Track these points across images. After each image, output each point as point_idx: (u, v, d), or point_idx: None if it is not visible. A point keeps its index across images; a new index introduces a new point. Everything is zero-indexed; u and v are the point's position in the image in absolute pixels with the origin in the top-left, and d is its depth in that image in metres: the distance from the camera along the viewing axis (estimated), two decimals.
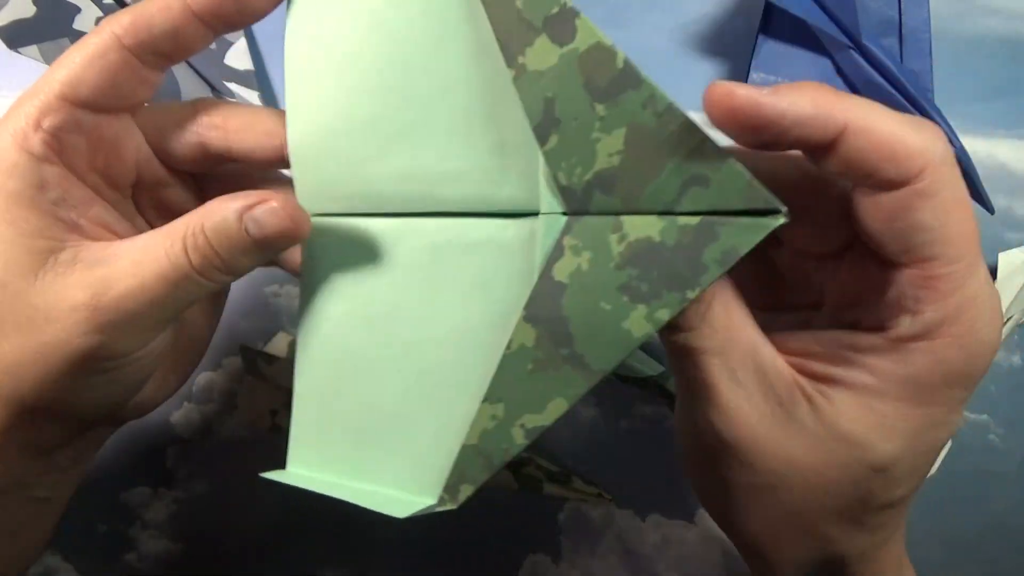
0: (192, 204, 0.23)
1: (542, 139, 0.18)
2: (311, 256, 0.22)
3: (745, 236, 0.16)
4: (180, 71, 0.33)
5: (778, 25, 0.33)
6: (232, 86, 0.33)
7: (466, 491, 0.20)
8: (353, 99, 0.21)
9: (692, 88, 0.36)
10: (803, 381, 0.19)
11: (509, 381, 0.19)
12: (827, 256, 0.20)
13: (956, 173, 0.16)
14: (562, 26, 0.17)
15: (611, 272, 0.18)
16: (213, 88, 0.33)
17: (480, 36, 0.19)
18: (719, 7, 0.35)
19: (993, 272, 0.33)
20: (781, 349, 0.19)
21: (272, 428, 0.33)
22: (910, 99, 0.32)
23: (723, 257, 0.16)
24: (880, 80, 0.32)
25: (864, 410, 0.18)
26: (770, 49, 0.33)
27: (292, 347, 0.33)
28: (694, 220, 0.17)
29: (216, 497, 0.35)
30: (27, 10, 0.32)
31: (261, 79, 0.34)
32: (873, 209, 0.17)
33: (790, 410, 0.18)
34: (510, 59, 0.18)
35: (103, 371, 0.21)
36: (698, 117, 0.17)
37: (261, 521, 0.35)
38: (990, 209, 0.33)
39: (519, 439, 0.19)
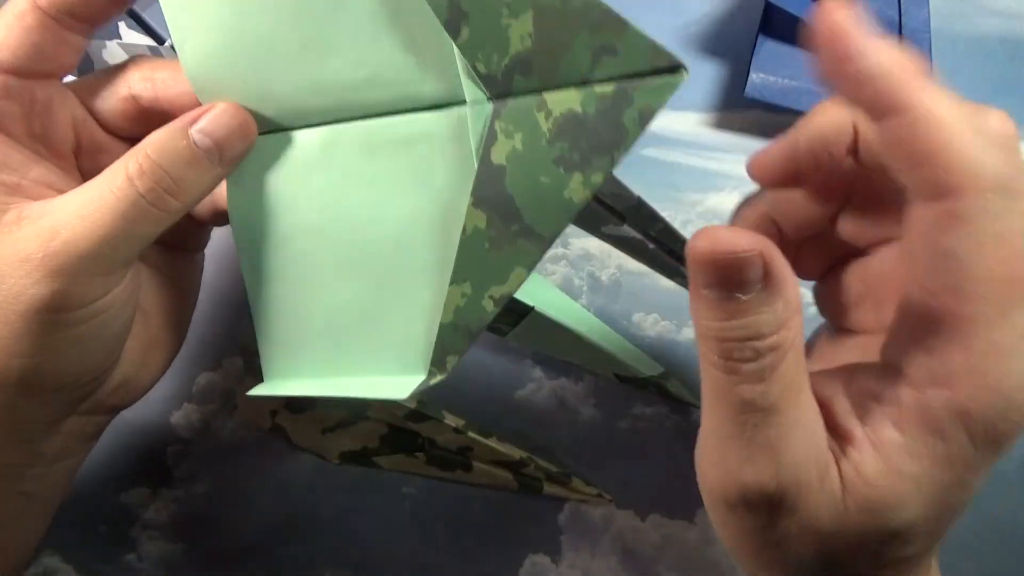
0: None
1: (454, 33, 0.19)
2: (236, 179, 0.23)
3: (656, 95, 0.18)
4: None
5: (778, 25, 0.33)
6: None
7: (452, 361, 0.21)
8: (242, 18, 0.21)
9: (692, 88, 0.36)
10: (834, 446, 0.17)
11: (471, 261, 0.20)
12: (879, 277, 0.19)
13: (1011, 204, 0.15)
14: None
15: (544, 148, 0.19)
16: None
17: None
18: (719, 7, 0.35)
19: None
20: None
21: (272, 428, 0.33)
22: None
23: (640, 117, 0.18)
24: None
25: (890, 473, 0.16)
26: (770, 49, 0.33)
27: None
28: (609, 87, 0.18)
29: (216, 497, 0.35)
30: None
31: None
32: (912, 220, 0.16)
33: (823, 479, 0.17)
34: None
35: (65, 325, 0.21)
36: (699, 117, 0.17)
37: (261, 521, 0.35)
38: None
39: (490, 308, 0.20)
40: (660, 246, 0.35)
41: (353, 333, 0.23)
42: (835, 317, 0.22)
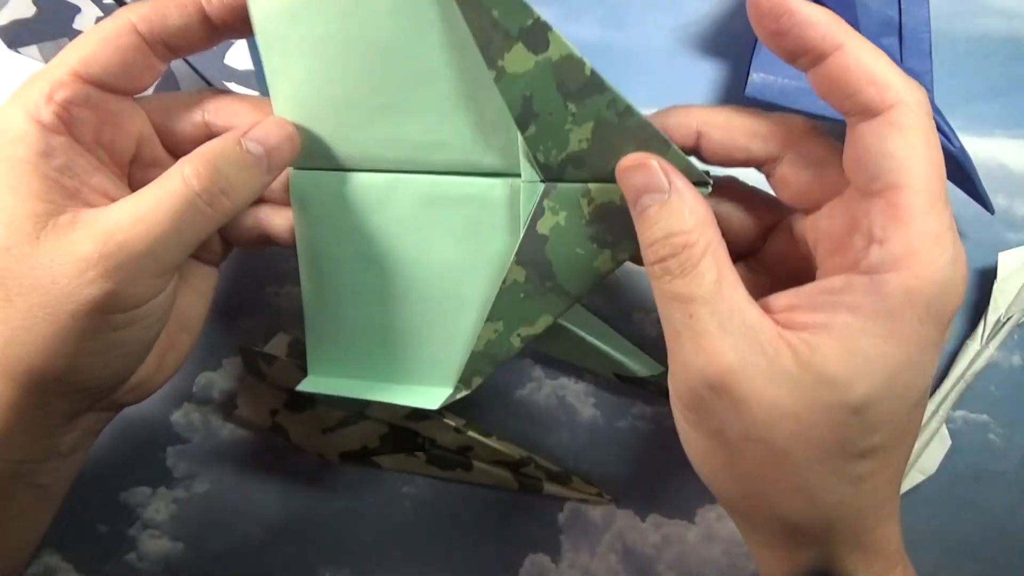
0: None
1: (523, 127, 0.22)
2: (303, 205, 0.26)
3: None
4: (179, 70, 0.33)
5: None
6: (232, 86, 0.33)
7: (476, 381, 0.26)
8: (332, 78, 0.23)
9: (692, 88, 0.36)
10: (787, 333, 0.19)
11: (506, 306, 0.25)
12: (814, 210, 0.22)
13: (929, 122, 0.18)
14: (536, 37, 0.21)
15: (583, 226, 0.23)
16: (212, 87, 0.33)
17: (456, 32, 0.22)
18: (719, 7, 0.35)
19: (993, 272, 0.33)
20: (767, 309, 0.20)
21: (272, 428, 0.33)
22: None
23: None
24: None
25: (844, 351, 0.18)
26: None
27: (292, 347, 0.33)
28: None
29: (216, 497, 0.35)
30: (27, 10, 0.32)
31: (260, 79, 0.34)
32: (853, 139, 0.19)
33: (774, 359, 0.19)
34: (490, 61, 0.21)
35: (112, 327, 0.21)
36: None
37: (261, 521, 0.35)
38: (990, 209, 0.33)
39: (517, 344, 0.25)
40: None
41: (396, 347, 0.27)
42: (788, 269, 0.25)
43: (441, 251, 0.25)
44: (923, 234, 0.18)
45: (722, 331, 0.19)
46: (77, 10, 0.32)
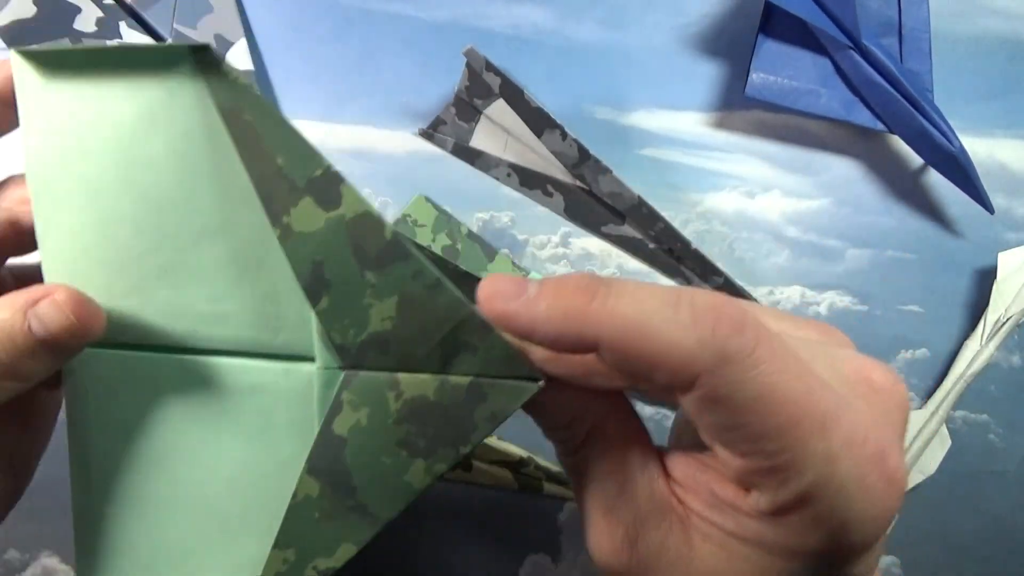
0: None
1: (313, 299, 0.18)
2: (75, 385, 0.21)
3: (510, 399, 0.18)
4: None
5: (778, 25, 0.33)
6: None
7: None
8: (106, 232, 0.20)
9: (692, 88, 0.36)
10: (680, 511, 0.18)
11: (298, 528, 0.20)
12: None
13: (749, 364, 0.15)
14: (327, 190, 0.18)
15: (390, 427, 0.19)
16: None
17: (239, 184, 0.18)
18: (719, 7, 0.35)
19: (993, 272, 0.33)
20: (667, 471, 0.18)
21: None
22: (909, 99, 0.32)
23: (492, 416, 0.18)
24: (879, 80, 0.32)
25: (731, 558, 0.17)
26: (770, 49, 0.33)
27: None
28: (465, 380, 0.18)
29: None
30: (27, 10, 0.32)
31: (261, 79, 0.34)
32: (684, 405, 0.16)
33: (664, 540, 0.17)
34: (274, 218, 0.18)
35: None
36: (699, 117, 0.17)
37: None
38: (990, 209, 0.33)
39: None
40: (660, 245, 0.35)
41: (170, 572, 0.22)
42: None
43: (228, 453, 0.21)
44: (803, 489, 0.15)
45: (608, 513, 0.18)
46: (77, 10, 0.32)
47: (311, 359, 0.19)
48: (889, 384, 0.16)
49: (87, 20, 0.33)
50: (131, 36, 0.33)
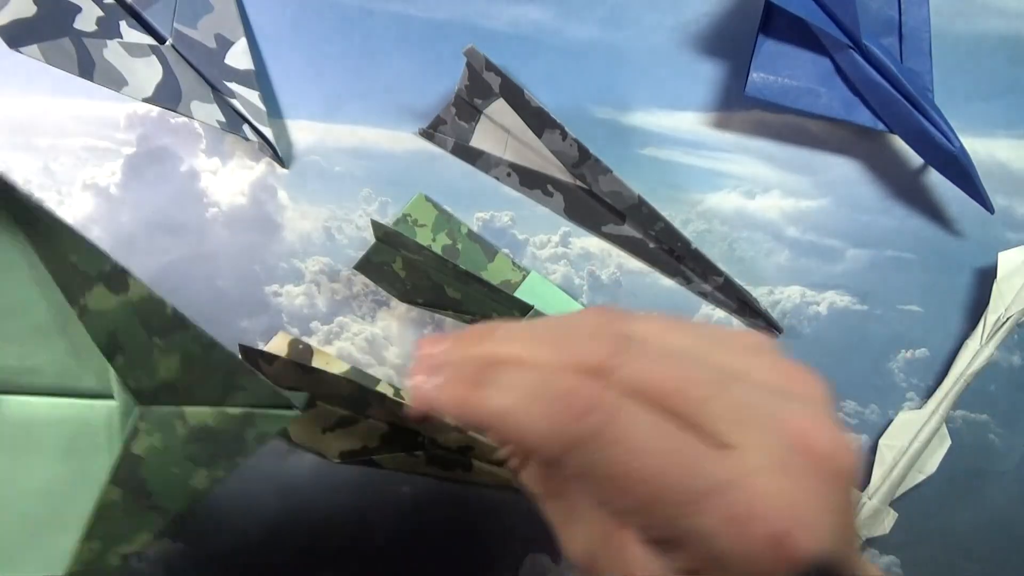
0: None
1: (110, 357, 0.23)
2: None
3: (273, 423, 0.24)
4: (181, 71, 0.33)
5: (778, 25, 0.33)
6: (232, 86, 0.33)
7: None
8: None
9: (692, 88, 0.36)
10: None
11: (103, 525, 0.24)
12: None
13: (596, 447, 0.16)
14: (116, 280, 0.22)
15: (178, 447, 0.24)
16: (214, 88, 0.33)
17: (39, 273, 0.23)
18: (719, 7, 0.35)
19: (993, 272, 0.33)
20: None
21: None
22: (909, 99, 0.32)
23: (259, 437, 0.24)
24: (880, 79, 0.32)
25: None
26: (770, 49, 0.33)
27: (292, 347, 0.33)
28: (238, 411, 0.24)
29: (216, 497, 0.35)
30: (28, 9, 0.32)
31: (261, 79, 0.34)
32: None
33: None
34: (72, 300, 0.23)
35: None
36: (699, 117, 0.17)
37: (261, 521, 0.35)
38: (990, 209, 0.33)
39: (116, 562, 0.25)
40: (660, 245, 0.35)
41: None
42: None
43: (39, 471, 0.25)
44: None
45: (571, 521, 0.19)
46: (78, 10, 0.32)
47: (112, 397, 0.25)
48: (830, 451, 0.16)
49: (87, 19, 0.33)
50: (131, 35, 0.33)
